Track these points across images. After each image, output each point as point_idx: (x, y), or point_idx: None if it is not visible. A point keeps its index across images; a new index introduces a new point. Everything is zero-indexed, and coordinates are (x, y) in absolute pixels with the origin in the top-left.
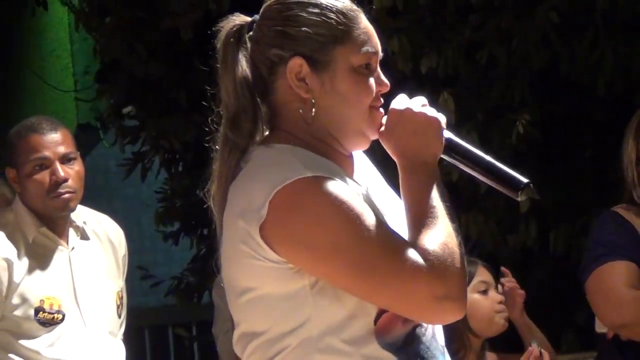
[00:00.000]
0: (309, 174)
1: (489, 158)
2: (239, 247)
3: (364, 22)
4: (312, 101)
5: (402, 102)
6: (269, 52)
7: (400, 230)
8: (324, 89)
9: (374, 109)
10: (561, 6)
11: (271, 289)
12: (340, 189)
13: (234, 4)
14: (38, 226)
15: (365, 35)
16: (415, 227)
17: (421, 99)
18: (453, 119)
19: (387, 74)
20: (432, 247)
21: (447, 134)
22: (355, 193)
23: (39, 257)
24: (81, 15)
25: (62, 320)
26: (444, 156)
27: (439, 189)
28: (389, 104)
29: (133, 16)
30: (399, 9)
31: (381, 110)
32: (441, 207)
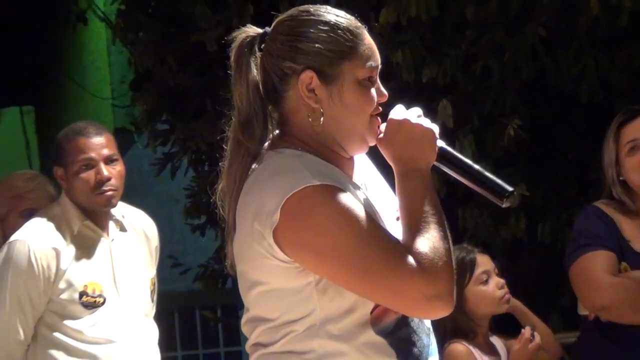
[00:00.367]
0: (317, 182)
1: (477, 167)
2: (253, 247)
3: (367, 37)
4: (321, 110)
5: (400, 112)
6: (281, 64)
7: (393, 226)
8: (331, 99)
9: (373, 116)
10: (548, 22)
11: (280, 284)
12: (344, 197)
13: (254, 21)
14: (82, 219)
15: (369, 51)
16: (410, 230)
17: (417, 110)
18: (451, 123)
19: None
20: (424, 250)
21: (440, 143)
22: (356, 200)
23: (83, 247)
24: (117, 31)
25: (103, 304)
26: (436, 164)
27: (431, 194)
28: (387, 113)
29: (164, 31)
30: (402, 24)
31: (379, 118)
32: (433, 211)
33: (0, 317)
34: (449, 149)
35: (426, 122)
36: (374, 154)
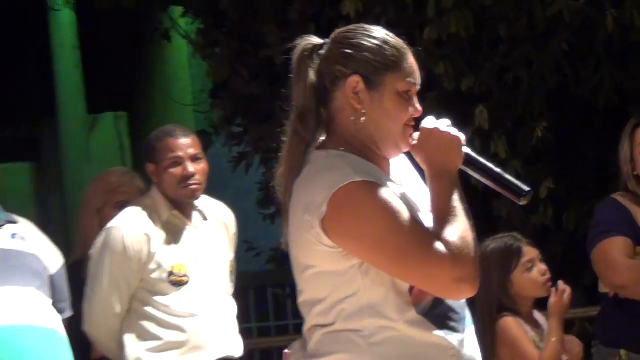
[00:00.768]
0: (359, 178)
1: (498, 170)
2: (304, 235)
3: (411, 58)
4: (363, 111)
5: (431, 122)
6: (334, 67)
7: (427, 217)
8: (372, 103)
9: (407, 126)
10: (570, 38)
11: (328, 267)
12: (382, 191)
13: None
14: (170, 209)
15: (410, 69)
16: (440, 222)
17: (446, 121)
18: (487, 125)
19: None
20: (452, 239)
21: (466, 149)
22: (393, 193)
23: (170, 233)
24: (198, 47)
25: (187, 282)
26: (462, 167)
27: (459, 192)
28: (419, 124)
29: (238, 47)
30: (443, 40)
31: (412, 129)
32: (460, 207)
33: (100, 294)
34: (474, 154)
35: (454, 131)
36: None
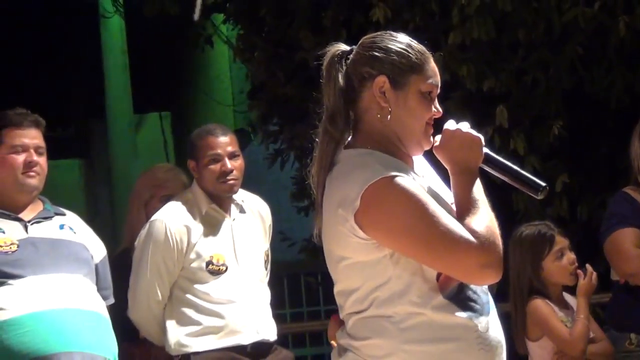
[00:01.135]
0: (388, 174)
1: (516, 167)
2: (338, 228)
3: (432, 62)
4: (389, 109)
5: (452, 124)
6: (362, 69)
7: (450, 208)
8: (397, 102)
9: (428, 125)
10: (584, 43)
11: (361, 257)
12: (411, 184)
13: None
14: (209, 203)
15: (432, 72)
16: (464, 214)
17: (466, 123)
18: (506, 124)
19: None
20: (478, 228)
21: (485, 149)
22: (420, 186)
23: (209, 225)
24: (237, 51)
25: (225, 271)
26: (482, 166)
27: (479, 187)
28: (440, 126)
29: (275, 51)
30: (466, 44)
31: (432, 128)
32: (482, 200)
33: (143, 282)
34: (493, 154)
35: (474, 132)
36: (432, 159)
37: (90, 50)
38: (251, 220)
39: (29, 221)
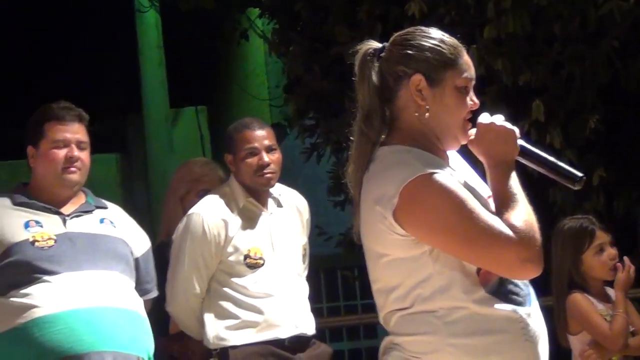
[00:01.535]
0: (426, 171)
1: (552, 158)
2: (377, 225)
3: (466, 55)
4: (426, 107)
5: (487, 118)
6: (396, 68)
7: (488, 203)
8: (434, 99)
9: (465, 120)
10: (620, 36)
11: (401, 254)
12: (449, 181)
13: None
14: (246, 196)
15: (466, 65)
16: (503, 208)
17: (500, 116)
18: (543, 118)
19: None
20: (517, 223)
21: (521, 141)
22: (458, 182)
23: (247, 219)
24: (273, 45)
25: (263, 265)
26: (518, 158)
27: (516, 180)
28: (476, 119)
29: (310, 45)
30: (502, 38)
31: (469, 123)
32: (521, 193)
33: (181, 275)
34: (528, 145)
35: (508, 125)
36: (466, 153)
37: (126, 45)
38: (288, 214)
39: (68, 215)
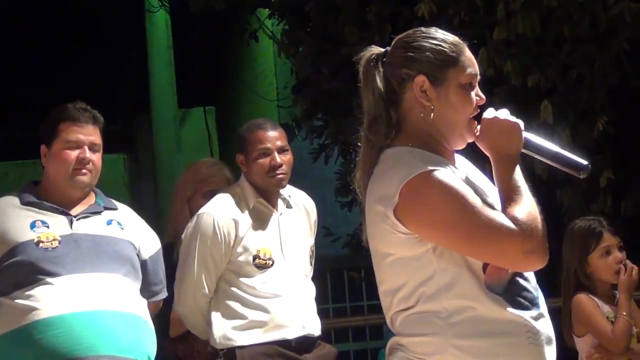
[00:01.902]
0: (426, 168)
1: (556, 149)
2: (380, 225)
3: (467, 51)
4: (432, 107)
5: (491, 113)
6: (400, 71)
7: (494, 201)
8: (439, 99)
9: (471, 119)
10: (631, 37)
11: (404, 253)
12: (449, 177)
13: (391, 38)
14: (257, 197)
15: (469, 62)
16: (506, 201)
17: (505, 110)
18: (551, 119)
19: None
20: (520, 215)
21: (525, 134)
22: (459, 179)
23: (257, 219)
24: (282, 46)
25: (272, 265)
26: (523, 150)
27: (520, 174)
28: (481, 115)
29: (319, 46)
30: (511, 40)
31: (475, 121)
32: (524, 186)
33: (190, 275)
34: (532, 138)
35: (512, 118)
36: (473, 150)
37: (135, 45)
38: (297, 215)
39: (75, 216)
